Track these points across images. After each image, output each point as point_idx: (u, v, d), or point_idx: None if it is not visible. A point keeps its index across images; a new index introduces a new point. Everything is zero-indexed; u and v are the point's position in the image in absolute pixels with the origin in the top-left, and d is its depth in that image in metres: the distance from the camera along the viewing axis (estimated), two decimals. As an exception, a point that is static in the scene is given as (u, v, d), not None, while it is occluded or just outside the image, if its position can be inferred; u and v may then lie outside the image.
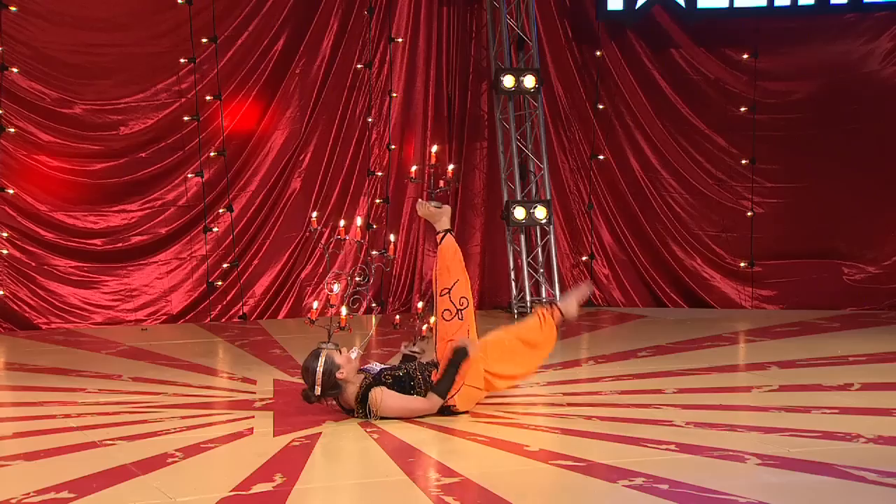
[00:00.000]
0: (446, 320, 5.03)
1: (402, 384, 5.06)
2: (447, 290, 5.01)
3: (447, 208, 5.21)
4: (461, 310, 4.99)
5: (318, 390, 4.95)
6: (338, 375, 4.97)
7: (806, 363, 6.66)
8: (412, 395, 5.06)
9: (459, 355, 5.01)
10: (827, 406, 5.45)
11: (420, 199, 5.30)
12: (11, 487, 4.11)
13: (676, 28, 9.25)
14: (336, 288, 5.08)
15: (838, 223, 9.09)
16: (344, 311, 5.15)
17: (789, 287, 9.13)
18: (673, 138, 9.33)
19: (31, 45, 8.19)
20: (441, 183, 5.33)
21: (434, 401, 5.06)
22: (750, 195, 9.25)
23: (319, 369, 4.93)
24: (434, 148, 5.84)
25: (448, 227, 5.15)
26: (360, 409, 5.04)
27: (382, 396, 4.99)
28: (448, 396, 5.02)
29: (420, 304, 5.45)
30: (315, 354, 4.98)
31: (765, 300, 9.20)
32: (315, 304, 5.06)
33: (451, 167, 5.80)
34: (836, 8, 9.04)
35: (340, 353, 4.99)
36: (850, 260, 9.10)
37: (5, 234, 8.15)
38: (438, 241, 5.16)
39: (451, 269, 5.06)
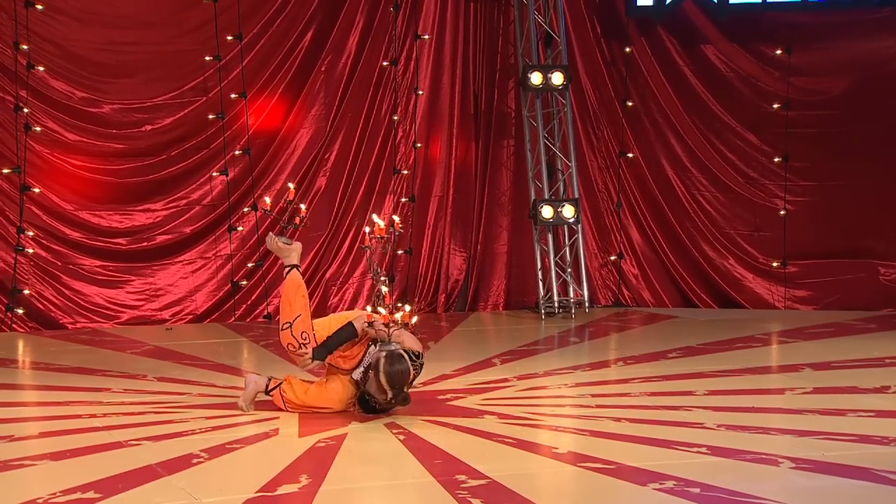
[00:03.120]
0: (291, 352, 5.20)
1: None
2: (288, 325, 5.16)
3: (297, 245, 5.33)
4: (304, 344, 5.14)
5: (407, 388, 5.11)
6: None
7: (841, 365, 6.60)
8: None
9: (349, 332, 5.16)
10: (863, 409, 5.39)
11: (270, 234, 5.42)
12: (38, 487, 4.15)
13: (708, 23, 9.19)
14: (385, 289, 5.20)
15: (874, 222, 8.99)
16: (407, 307, 5.29)
17: (824, 287, 9.05)
18: (704, 136, 9.27)
19: (57, 44, 8.27)
20: (297, 220, 5.45)
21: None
22: (783, 193, 9.18)
23: (411, 367, 5.08)
24: (291, 185, 6.03)
25: (295, 262, 5.26)
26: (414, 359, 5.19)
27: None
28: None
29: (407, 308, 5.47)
30: (397, 357, 5.07)
31: (798, 300, 9.13)
32: (376, 312, 5.17)
33: (303, 206, 6.01)
34: (870, 3, 8.95)
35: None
36: (886, 259, 9.01)
37: (31, 233, 8.23)
38: (284, 275, 5.27)
39: (293, 303, 5.19)
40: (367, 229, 5.73)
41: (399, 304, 5.38)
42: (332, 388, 5.26)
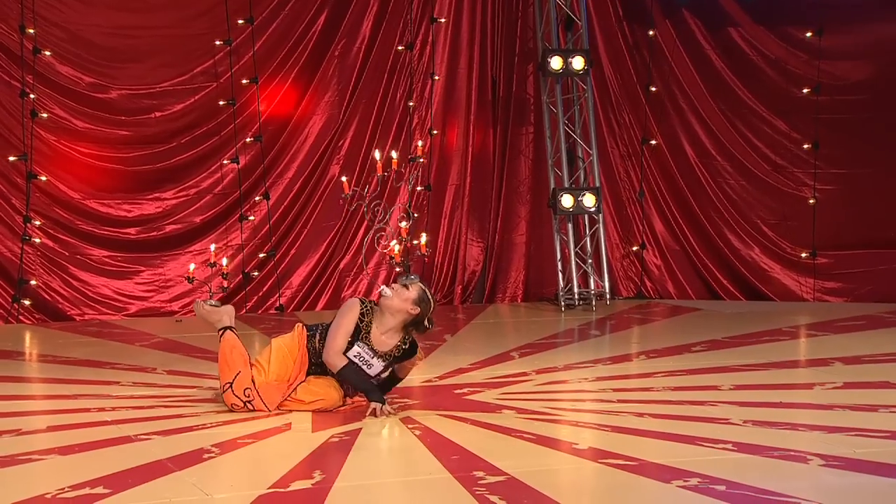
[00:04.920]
0: (236, 410, 5.20)
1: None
2: (229, 385, 5.19)
3: (228, 308, 5.38)
4: (248, 401, 5.17)
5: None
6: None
7: (872, 359, 6.56)
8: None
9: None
10: (895, 404, 5.35)
11: (197, 300, 5.48)
12: (46, 482, 4.18)
13: (734, 5, 9.13)
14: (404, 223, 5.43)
15: (907, 211, 8.93)
16: (423, 237, 5.51)
17: (855, 278, 8.99)
18: (729, 122, 9.22)
19: (65, 28, 8.29)
20: (225, 284, 5.48)
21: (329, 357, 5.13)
22: (812, 181, 9.12)
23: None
24: (212, 246, 6.62)
25: (228, 324, 5.30)
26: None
27: (343, 309, 5.18)
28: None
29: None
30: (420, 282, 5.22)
31: (828, 292, 9.07)
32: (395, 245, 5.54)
33: (224, 261, 6.43)
34: (906, -18, 8.87)
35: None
36: (920, 250, 8.95)
37: (38, 223, 8.27)
38: (218, 338, 5.30)
39: (230, 363, 5.21)
40: (345, 178, 5.87)
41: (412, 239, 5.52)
42: (323, 383, 5.26)
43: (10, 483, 4.19)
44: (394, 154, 5.74)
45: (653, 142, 9.34)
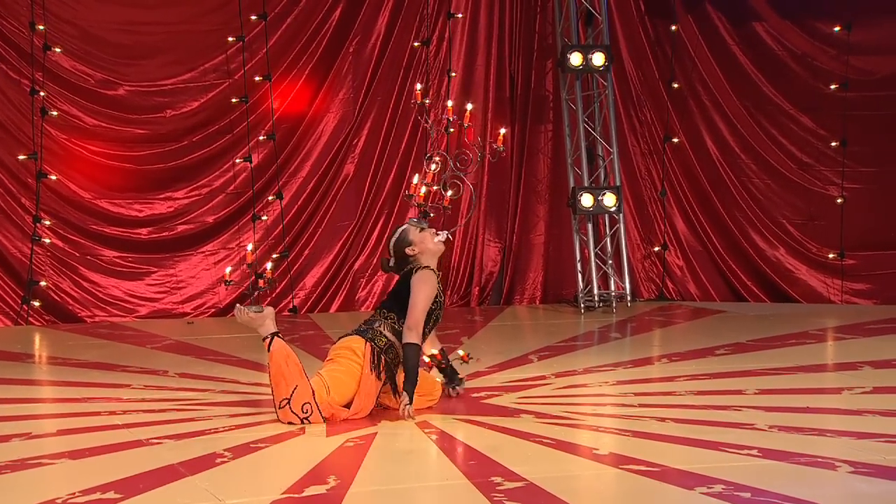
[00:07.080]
0: (291, 424, 5.07)
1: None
2: (286, 401, 5.03)
3: (269, 310, 5.19)
4: (306, 417, 5.04)
5: (391, 261, 5.33)
6: (407, 251, 5.27)
7: (902, 363, 6.52)
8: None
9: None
10: (926, 410, 5.33)
11: (238, 306, 5.27)
12: (56, 487, 4.20)
13: (759, -2, 9.11)
14: (433, 167, 5.54)
15: (939, 210, 8.88)
16: (449, 192, 5.62)
17: (884, 280, 8.94)
18: (754, 119, 9.19)
19: (75, 24, 8.34)
20: (262, 283, 5.65)
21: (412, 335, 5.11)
22: (840, 180, 9.07)
23: (392, 239, 5.35)
24: (249, 246, 6.52)
25: (273, 329, 5.11)
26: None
27: (423, 279, 5.16)
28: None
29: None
30: (399, 228, 5.39)
31: (856, 294, 9.03)
32: (415, 179, 5.71)
33: (269, 265, 6.60)
34: (937, -26, 8.82)
35: (423, 231, 5.28)
36: (952, 250, 8.89)
37: (47, 223, 8.32)
38: (266, 347, 5.09)
39: (286, 376, 5.03)
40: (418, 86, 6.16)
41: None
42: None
43: (20, 487, 4.22)
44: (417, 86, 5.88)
45: (675, 139, 9.31)
